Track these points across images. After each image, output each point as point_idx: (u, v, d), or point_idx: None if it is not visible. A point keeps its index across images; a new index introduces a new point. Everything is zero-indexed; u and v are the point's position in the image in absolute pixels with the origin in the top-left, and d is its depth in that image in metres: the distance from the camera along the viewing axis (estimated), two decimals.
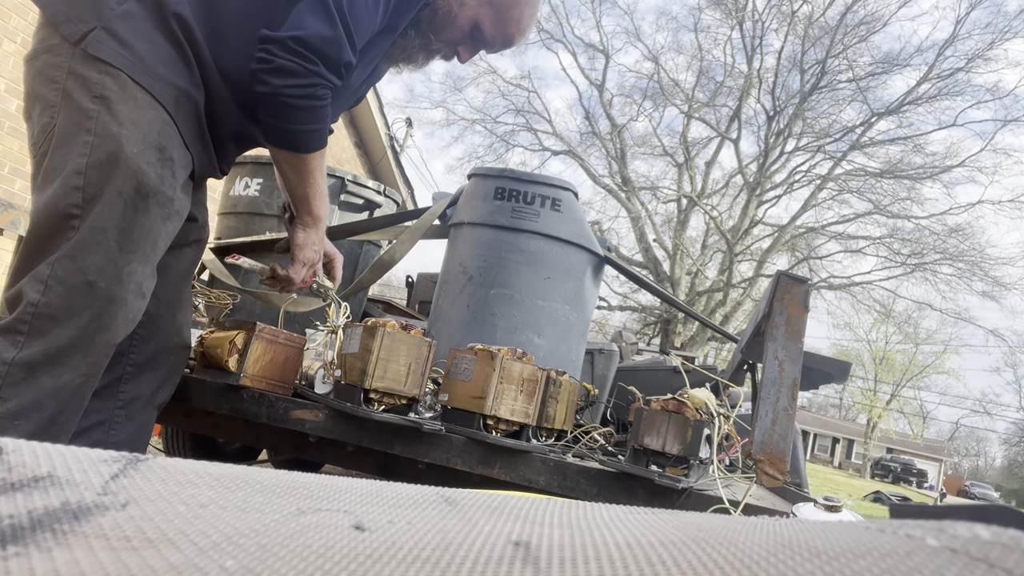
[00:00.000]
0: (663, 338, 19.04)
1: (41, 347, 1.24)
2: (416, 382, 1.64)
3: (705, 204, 21.62)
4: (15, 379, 1.22)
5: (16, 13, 4.52)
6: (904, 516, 0.33)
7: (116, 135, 1.30)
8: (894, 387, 38.32)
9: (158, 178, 1.35)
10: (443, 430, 1.67)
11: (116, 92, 1.30)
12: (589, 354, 2.83)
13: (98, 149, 1.29)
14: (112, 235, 1.30)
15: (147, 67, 1.34)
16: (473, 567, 0.26)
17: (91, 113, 1.29)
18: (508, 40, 1.75)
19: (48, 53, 1.32)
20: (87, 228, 1.28)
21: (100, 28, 1.30)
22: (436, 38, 1.69)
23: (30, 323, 1.24)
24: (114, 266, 1.30)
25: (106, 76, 1.30)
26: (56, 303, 1.25)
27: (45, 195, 1.28)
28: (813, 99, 20.75)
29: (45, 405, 1.26)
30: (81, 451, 0.37)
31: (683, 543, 0.29)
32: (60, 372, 1.26)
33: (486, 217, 2.48)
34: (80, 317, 1.27)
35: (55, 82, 1.30)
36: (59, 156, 1.28)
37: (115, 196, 1.30)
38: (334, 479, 0.39)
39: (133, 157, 1.31)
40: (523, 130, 22.67)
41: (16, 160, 4.72)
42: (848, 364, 2.62)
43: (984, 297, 20.93)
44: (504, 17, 1.69)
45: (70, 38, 1.30)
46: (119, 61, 1.31)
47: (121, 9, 1.33)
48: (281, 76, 1.36)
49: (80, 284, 1.27)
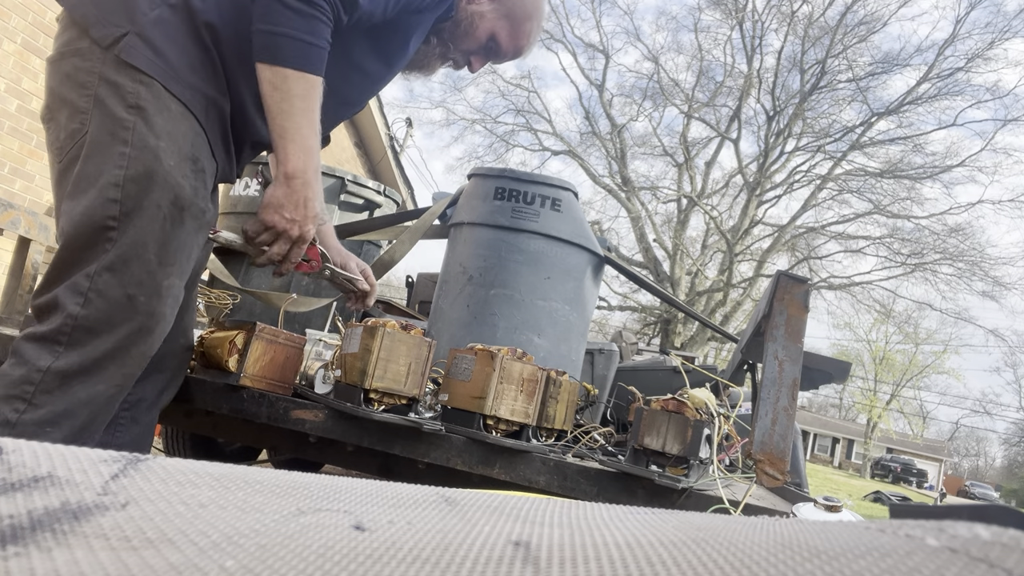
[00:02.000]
0: (663, 338, 19.04)
1: (78, 358, 1.24)
2: (416, 382, 1.64)
3: (705, 204, 21.63)
4: (49, 387, 1.23)
5: (16, 13, 4.52)
6: (904, 516, 0.33)
7: (153, 148, 1.28)
8: (894, 387, 38.33)
9: (192, 191, 1.35)
10: (443, 430, 1.67)
11: (151, 102, 1.29)
12: (589, 354, 2.83)
13: (136, 162, 1.27)
14: (152, 249, 1.30)
15: (179, 76, 1.33)
16: (473, 567, 0.26)
17: (127, 123, 1.27)
18: (518, 52, 1.80)
19: (77, 57, 1.29)
20: (127, 241, 1.27)
21: (133, 33, 1.28)
22: (454, 47, 1.72)
23: (70, 334, 1.24)
24: (153, 280, 1.30)
25: (140, 85, 1.28)
26: (96, 316, 1.25)
27: (79, 204, 1.26)
28: (813, 99, 20.76)
29: (77, 414, 1.26)
30: (81, 451, 0.37)
31: (683, 543, 0.29)
32: (94, 382, 1.27)
33: (486, 217, 2.48)
34: (119, 330, 1.28)
35: (85, 87, 1.28)
36: (93, 165, 1.27)
37: (154, 210, 1.29)
38: (334, 479, 0.39)
39: (170, 171, 1.30)
40: (523, 130, 22.70)
41: (16, 160, 4.72)
42: (848, 364, 2.62)
43: (984, 297, 20.96)
44: (518, 30, 1.74)
45: (101, 42, 1.28)
46: (153, 69, 1.29)
47: (154, 15, 1.31)
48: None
49: (121, 298, 1.27)
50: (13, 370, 1.23)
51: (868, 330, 34.54)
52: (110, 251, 1.26)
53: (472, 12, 1.68)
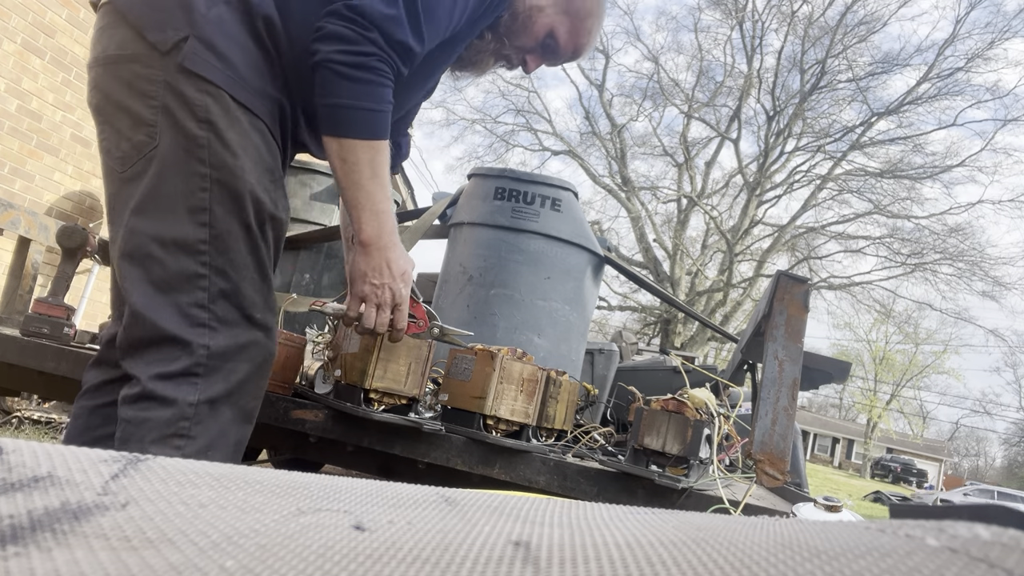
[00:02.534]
0: (663, 338, 19.04)
1: (221, 385, 1.27)
2: (416, 382, 1.64)
3: (705, 204, 21.63)
4: (201, 417, 1.25)
5: (16, 13, 4.52)
6: (904, 516, 0.33)
7: (232, 167, 1.26)
8: (894, 387, 38.34)
9: (273, 204, 1.34)
10: (443, 430, 1.67)
11: (221, 116, 1.25)
12: (589, 354, 2.83)
13: (218, 184, 1.25)
14: (252, 267, 1.31)
15: (244, 81, 1.28)
16: (473, 567, 0.26)
17: (200, 140, 1.24)
18: (578, 51, 1.70)
19: (135, 63, 1.24)
20: (230, 265, 1.27)
21: (193, 37, 1.23)
22: (510, 43, 1.63)
23: (205, 365, 1.25)
24: (261, 296, 1.32)
25: (207, 96, 1.24)
26: (225, 342, 1.27)
27: (165, 227, 1.24)
28: (813, 99, 20.76)
29: (229, 432, 1.30)
30: (81, 451, 0.37)
31: (683, 543, 0.29)
32: (238, 400, 1.30)
33: (486, 217, 2.48)
34: (248, 350, 1.30)
35: (150, 97, 1.23)
36: (170, 184, 1.24)
37: (244, 230, 1.29)
38: (334, 479, 0.39)
39: (253, 188, 1.28)
40: (523, 130, 22.70)
41: (16, 160, 4.72)
42: (848, 364, 2.62)
43: (984, 297, 20.97)
44: (579, 27, 1.65)
45: (160, 46, 1.22)
46: (218, 78, 1.25)
47: (212, 15, 1.25)
48: (331, 41, 1.26)
49: (240, 320, 1.29)
50: (158, 412, 1.22)
51: (868, 330, 34.57)
52: (211, 276, 1.26)
53: (530, 5, 1.59)
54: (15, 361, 1.92)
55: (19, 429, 4.10)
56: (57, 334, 2.06)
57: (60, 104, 4.98)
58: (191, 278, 1.25)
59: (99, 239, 2.80)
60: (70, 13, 4.93)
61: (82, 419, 1.43)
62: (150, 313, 1.24)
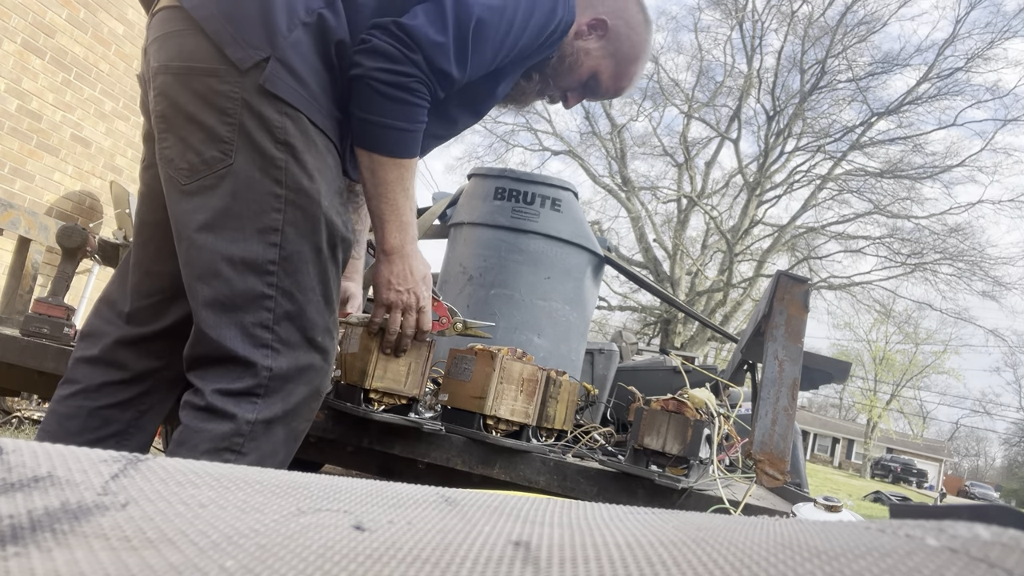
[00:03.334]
0: (663, 338, 19.05)
1: (279, 406, 1.28)
2: (416, 382, 1.64)
3: (705, 204, 21.64)
4: (255, 435, 1.26)
5: (16, 13, 4.52)
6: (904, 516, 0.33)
7: (308, 190, 1.26)
8: (894, 387, 38.35)
9: (344, 225, 1.34)
10: (443, 430, 1.67)
11: (299, 138, 1.26)
12: (589, 354, 2.83)
13: (293, 206, 1.25)
14: (318, 291, 1.31)
15: (320, 104, 1.29)
16: (473, 567, 0.26)
17: (278, 162, 1.24)
18: (618, 93, 1.72)
19: (211, 76, 1.23)
20: (296, 287, 1.27)
21: (275, 59, 1.23)
22: (555, 83, 1.64)
23: (266, 386, 1.26)
24: (323, 319, 1.33)
25: (286, 118, 1.24)
26: (286, 365, 1.27)
27: (234, 246, 1.24)
28: (813, 99, 20.77)
29: (279, 451, 1.31)
30: (81, 451, 0.37)
31: (683, 543, 0.29)
32: (291, 421, 1.31)
33: (486, 217, 2.48)
34: (307, 373, 1.31)
35: (226, 114, 1.23)
36: (243, 203, 1.24)
37: (315, 253, 1.29)
38: (334, 479, 0.39)
39: (327, 211, 1.29)
40: (523, 130, 22.70)
41: (16, 160, 4.72)
42: (848, 364, 2.62)
43: (984, 297, 20.98)
44: (623, 71, 1.66)
45: (240, 64, 1.22)
46: (298, 101, 1.25)
47: (293, 37, 1.25)
48: (375, 57, 1.27)
49: (302, 343, 1.29)
50: (216, 425, 1.24)
51: (868, 330, 34.57)
52: (277, 297, 1.26)
53: (578, 48, 1.60)
54: (15, 361, 1.92)
55: (19, 429, 4.10)
56: (57, 334, 2.06)
57: (60, 104, 4.98)
58: (257, 298, 1.25)
59: (99, 239, 2.80)
60: (70, 13, 4.93)
61: (78, 420, 1.41)
62: (215, 332, 1.25)
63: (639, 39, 1.66)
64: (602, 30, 1.61)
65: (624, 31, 1.63)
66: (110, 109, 5.41)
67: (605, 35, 1.61)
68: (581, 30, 1.59)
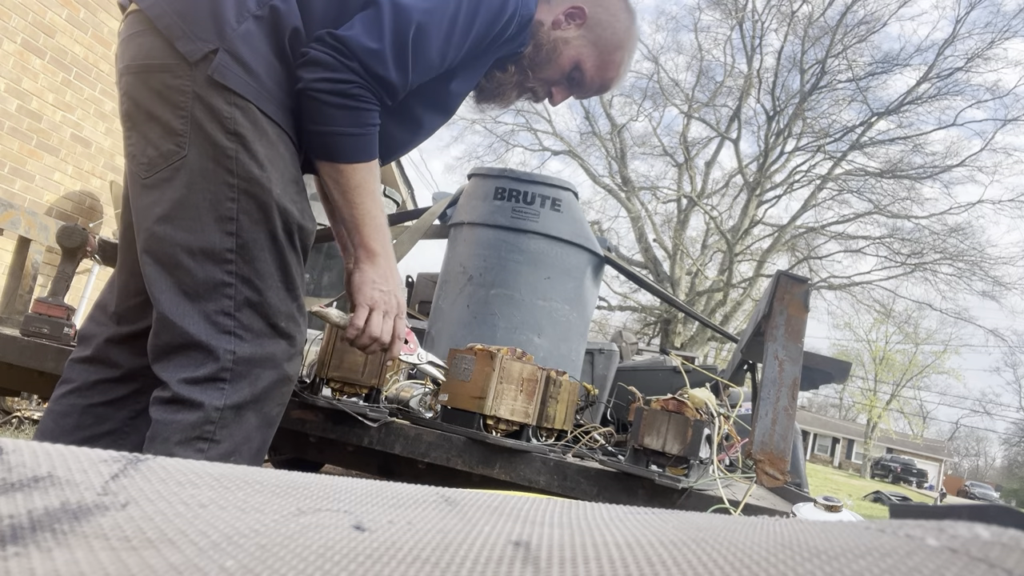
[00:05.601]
0: (663, 338, 19.05)
1: (247, 391, 1.29)
2: (375, 372, 1.72)
3: (705, 204, 21.64)
4: (227, 422, 1.28)
5: (16, 13, 4.52)
6: (904, 516, 0.33)
7: (259, 178, 1.28)
8: (894, 387, 38.35)
9: (300, 213, 1.36)
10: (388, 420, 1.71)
11: (249, 128, 1.27)
12: (589, 354, 2.83)
13: (245, 194, 1.27)
14: (277, 276, 1.32)
15: (271, 94, 1.30)
16: (473, 567, 0.26)
17: (228, 151, 1.26)
18: (605, 85, 1.68)
19: (165, 73, 1.25)
20: (255, 273, 1.29)
21: (223, 50, 1.25)
22: (534, 75, 1.61)
23: (231, 370, 1.27)
24: (286, 305, 1.34)
25: (235, 108, 1.26)
26: (250, 349, 1.29)
27: (192, 236, 1.25)
28: (813, 99, 20.76)
29: (253, 438, 1.32)
30: (81, 451, 0.37)
31: (683, 543, 0.29)
32: (262, 406, 1.32)
33: (486, 217, 2.48)
34: (273, 358, 1.32)
35: (179, 108, 1.25)
36: (198, 194, 1.26)
37: (270, 240, 1.31)
38: (334, 479, 0.39)
39: (279, 198, 1.31)
40: (523, 130, 22.70)
41: (16, 160, 4.72)
42: (848, 364, 2.62)
43: (984, 297, 20.98)
44: (606, 60, 1.63)
45: (189, 57, 1.24)
46: (247, 91, 1.27)
47: (242, 29, 1.27)
48: (313, 68, 1.29)
49: (264, 328, 1.31)
50: (184, 415, 1.25)
51: (868, 330, 34.58)
52: (237, 285, 1.28)
53: (556, 38, 1.57)
54: (15, 361, 1.92)
55: (19, 429, 4.10)
56: (57, 334, 2.06)
57: (60, 104, 4.98)
58: (218, 286, 1.27)
59: (99, 239, 2.80)
60: (70, 13, 4.93)
61: (72, 417, 1.43)
62: (178, 320, 1.26)
63: (621, 26, 1.63)
64: (580, 18, 1.60)
65: (604, 18, 1.61)
66: (110, 109, 5.41)
67: (584, 23, 1.60)
68: (559, 20, 1.58)
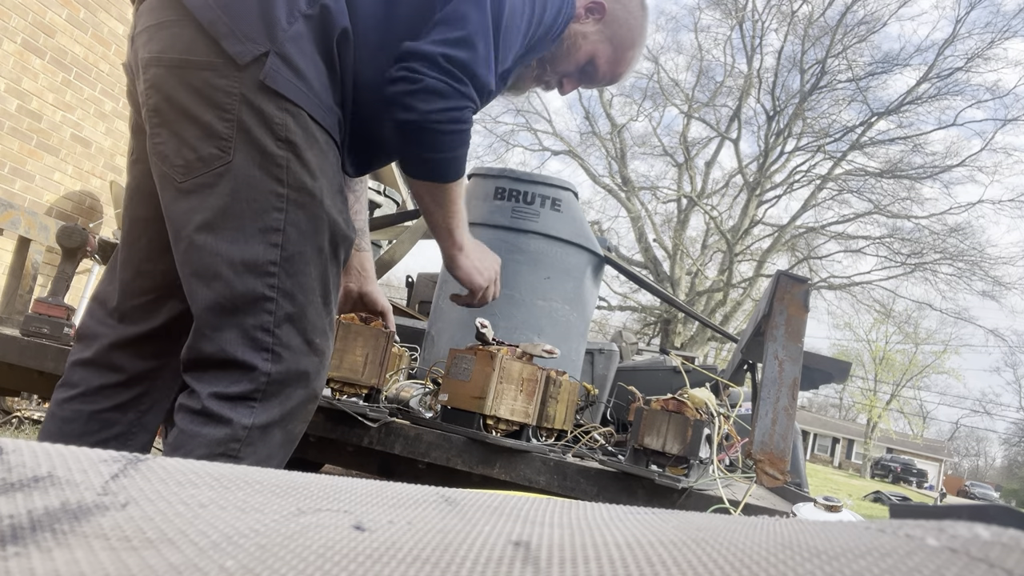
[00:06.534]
0: (663, 338, 19.05)
1: (276, 410, 1.25)
2: (374, 372, 1.70)
3: (705, 204, 21.64)
4: (252, 440, 1.24)
5: (16, 13, 4.52)
6: (904, 516, 0.33)
7: (311, 189, 1.23)
8: (894, 387, 38.34)
9: (345, 224, 1.32)
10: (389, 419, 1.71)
11: (300, 136, 1.22)
12: (589, 354, 2.83)
13: (295, 205, 1.22)
14: (318, 292, 1.28)
15: (320, 100, 1.25)
16: (473, 567, 0.26)
17: (279, 160, 1.20)
18: (615, 79, 1.72)
19: (208, 71, 1.18)
20: (298, 288, 1.24)
21: (274, 54, 1.18)
22: (551, 68, 1.63)
23: (264, 391, 1.23)
24: (322, 321, 1.30)
25: (287, 115, 1.20)
26: (286, 368, 1.25)
27: (228, 243, 1.20)
28: (813, 99, 20.77)
29: (275, 455, 1.29)
30: (81, 451, 0.37)
31: (683, 543, 0.29)
32: (287, 424, 1.29)
33: (486, 217, 2.48)
34: (306, 376, 1.28)
35: (224, 110, 1.18)
36: (243, 203, 1.20)
37: (316, 253, 1.26)
38: (334, 479, 0.39)
39: (329, 210, 1.27)
40: (523, 130, 22.72)
41: (16, 160, 4.72)
42: (848, 364, 2.62)
43: (984, 297, 21.00)
44: (620, 56, 1.66)
45: (238, 59, 1.17)
46: (299, 97, 1.21)
47: (293, 30, 1.20)
48: (430, 99, 1.24)
49: (301, 345, 1.27)
50: (211, 430, 1.21)
51: (868, 330, 34.58)
52: (279, 300, 1.23)
53: (576, 32, 1.59)
54: (15, 361, 1.92)
55: (19, 429, 4.10)
56: (57, 334, 2.06)
57: (60, 104, 4.98)
58: (258, 300, 1.22)
59: (99, 239, 2.80)
60: (70, 13, 4.93)
61: (78, 423, 1.38)
62: (215, 335, 1.22)
63: (636, 24, 1.66)
64: (599, 13, 1.61)
65: (622, 15, 1.63)
66: (110, 109, 5.41)
67: (603, 19, 1.61)
68: (579, 13, 1.59)
